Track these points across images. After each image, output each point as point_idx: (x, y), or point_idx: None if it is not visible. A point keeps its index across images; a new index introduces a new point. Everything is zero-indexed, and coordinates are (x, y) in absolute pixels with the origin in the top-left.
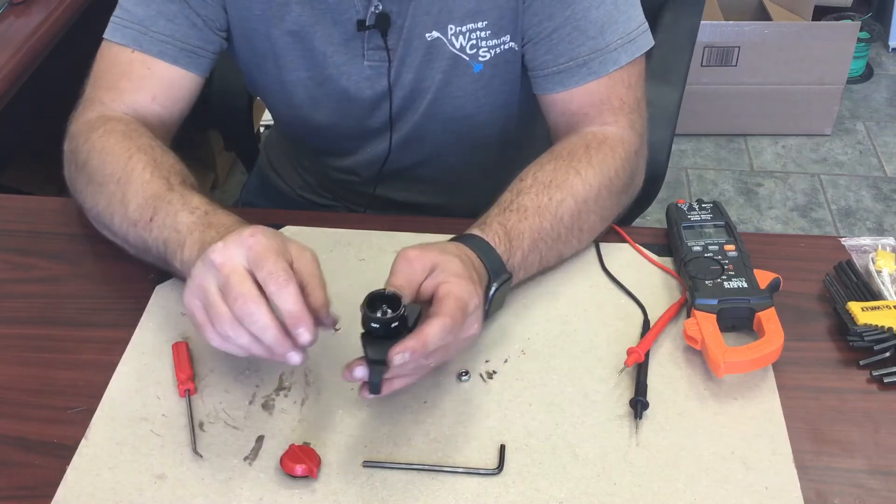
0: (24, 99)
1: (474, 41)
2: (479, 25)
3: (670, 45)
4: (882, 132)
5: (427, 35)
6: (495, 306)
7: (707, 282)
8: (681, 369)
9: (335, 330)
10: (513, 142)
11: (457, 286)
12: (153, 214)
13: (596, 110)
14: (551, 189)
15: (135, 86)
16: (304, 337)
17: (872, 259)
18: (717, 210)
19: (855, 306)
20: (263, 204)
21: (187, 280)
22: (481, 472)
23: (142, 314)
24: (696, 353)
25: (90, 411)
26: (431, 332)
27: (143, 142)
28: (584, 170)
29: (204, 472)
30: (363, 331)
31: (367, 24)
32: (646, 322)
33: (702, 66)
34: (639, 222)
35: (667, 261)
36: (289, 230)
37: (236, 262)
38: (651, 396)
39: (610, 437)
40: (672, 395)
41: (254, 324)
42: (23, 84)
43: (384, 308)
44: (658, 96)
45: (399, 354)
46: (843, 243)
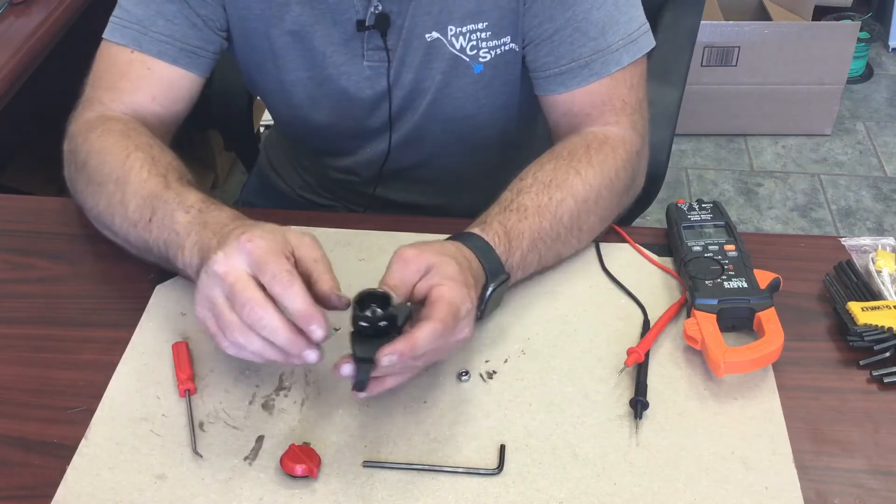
0: (24, 99)
1: (475, 42)
2: (480, 26)
3: (670, 45)
4: (882, 132)
5: (427, 35)
6: (492, 306)
7: (707, 282)
8: (681, 369)
9: (335, 330)
10: (512, 143)
11: (450, 290)
12: (152, 215)
13: (597, 111)
14: (551, 189)
15: (134, 86)
16: (317, 334)
17: (872, 259)
18: (717, 210)
19: (855, 306)
20: (263, 204)
21: (195, 292)
22: (481, 472)
23: (142, 314)
24: (696, 353)
25: (90, 411)
26: (421, 336)
27: (141, 140)
28: (585, 170)
29: (204, 472)
30: (351, 329)
31: (367, 24)
32: (646, 322)
33: (702, 66)
34: (639, 222)
35: (667, 261)
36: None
37: (239, 270)
38: (651, 396)
39: (610, 437)
40: (672, 395)
41: (264, 328)
42: (23, 84)
43: (374, 307)
44: (658, 96)
45: (387, 356)
46: (843, 243)
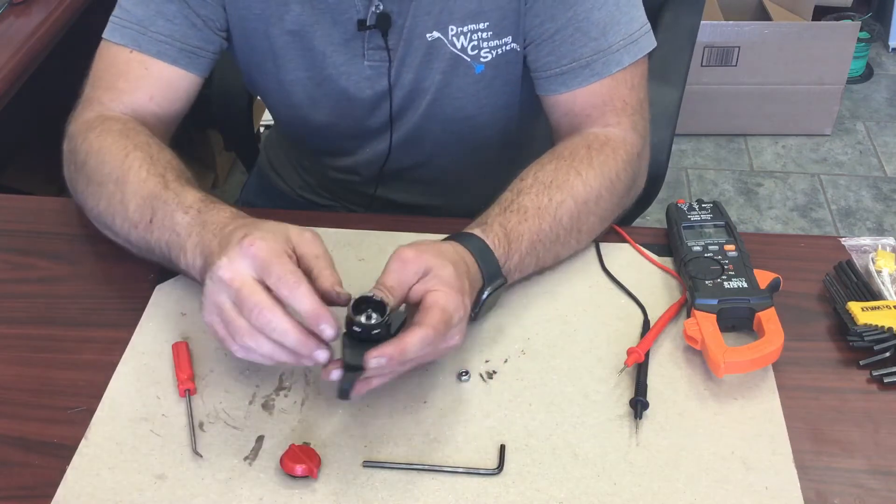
0: (24, 99)
1: (476, 42)
2: (481, 26)
3: (670, 45)
4: (882, 132)
5: (428, 35)
6: (486, 309)
7: (707, 282)
8: (681, 369)
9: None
10: (513, 143)
11: (445, 297)
12: (152, 216)
13: (598, 111)
14: (552, 190)
15: (132, 86)
16: (327, 332)
17: (872, 259)
18: (717, 210)
19: (855, 306)
20: (263, 204)
21: (202, 297)
22: (481, 472)
23: (142, 314)
24: (696, 353)
25: (90, 411)
26: (411, 342)
27: (139, 140)
28: (585, 171)
29: (204, 472)
30: (344, 331)
31: (368, 23)
32: (646, 322)
33: (702, 66)
34: (639, 222)
35: (667, 261)
36: None
37: (244, 274)
38: (651, 396)
39: (610, 437)
40: (672, 395)
41: (273, 331)
42: (23, 84)
43: (369, 312)
44: (658, 96)
45: (375, 359)
46: (843, 243)
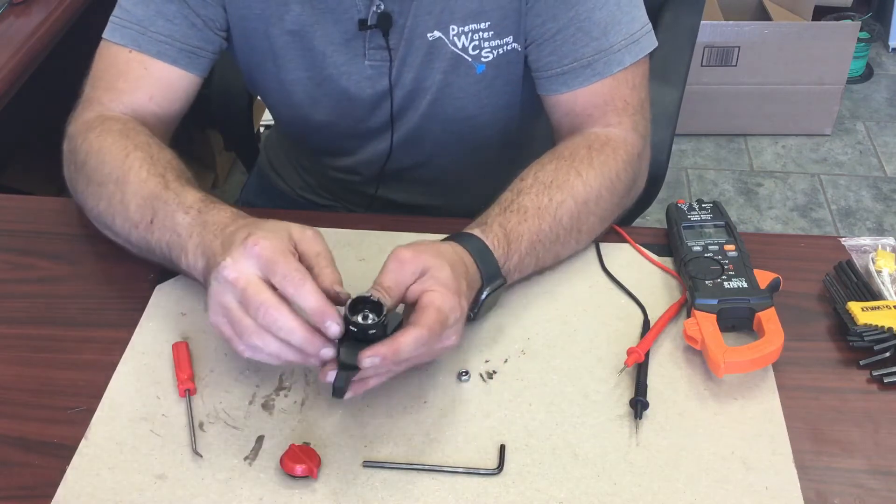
0: (24, 99)
1: (477, 42)
2: (482, 26)
3: (670, 45)
4: (882, 132)
5: (429, 35)
6: (486, 309)
7: (707, 282)
8: (681, 369)
9: None
10: (513, 143)
11: (440, 298)
12: (153, 216)
13: (599, 111)
14: (552, 190)
15: (132, 86)
16: (332, 329)
17: (872, 259)
18: (717, 210)
19: (855, 306)
20: (263, 204)
21: (207, 298)
22: (481, 472)
23: (142, 314)
24: (696, 353)
25: (90, 411)
26: (405, 342)
27: (139, 140)
28: (586, 171)
29: (204, 472)
30: None
31: (369, 23)
32: (646, 322)
33: (702, 66)
34: (639, 222)
35: (667, 261)
36: None
37: (249, 274)
38: (651, 396)
39: (610, 437)
40: (672, 395)
41: (280, 329)
42: (23, 84)
43: (366, 312)
44: (658, 96)
45: (369, 358)
46: (843, 243)
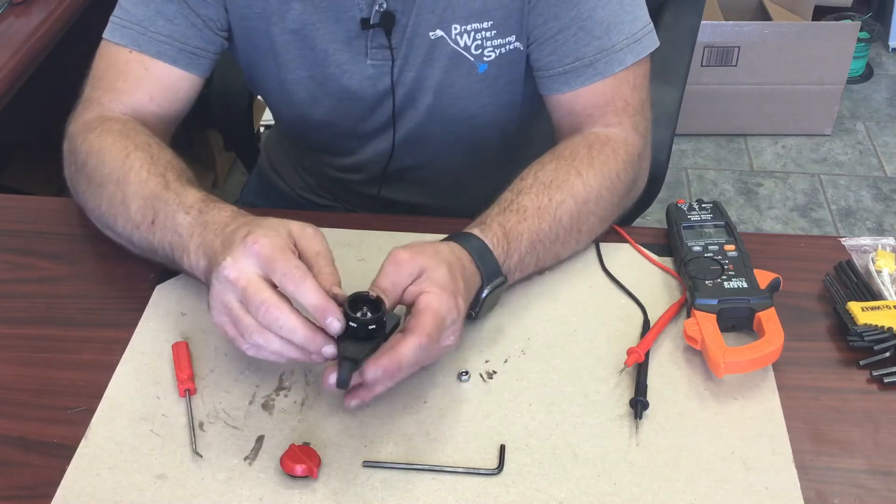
0: (24, 99)
1: (479, 41)
2: (485, 25)
3: (670, 45)
4: (882, 132)
5: (431, 34)
6: (486, 308)
7: (707, 282)
8: (681, 369)
9: None
10: (513, 143)
11: (436, 300)
12: (154, 216)
13: (600, 111)
14: (551, 189)
15: (132, 86)
16: (334, 326)
17: (872, 259)
18: (717, 210)
19: (855, 306)
20: (264, 204)
21: (209, 298)
22: (481, 472)
23: (142, 314)
24: (696, 353)
25: (90, 411)
26: (405, 352)
27: (140, 140)
28: (586, 171)
29: (204, 472)
30: None
31: (372, 22)
32: (646, 322)
33: (702, 66)
34: (639, 222)
35: (667, 261)
36: None
37: (250, 273)
38: (651, 396)
39: (610, 437)
40: (672, 395)
41: (281, 328)
42: (23, 84)
43: (364, 310)
44: (658, 96)
45: (373, 371)
46: (843, 243)
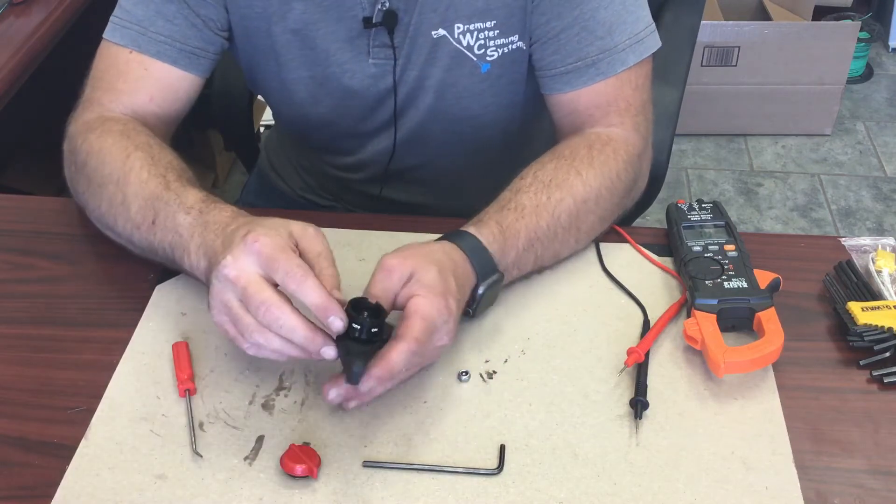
0: (23, 99)
1: (482, 41)
2: (488, 25)
3: (670, 45)
4: (882, 132)
5: (433, 33)
6: (484, 305)
7: (707, 282)
8: (681, 369)
9: None
10: (514, 143)
11: (425, 303)
12: (154, 217)
13: (602, 111)
14: (551, 188)
15: (132, 87)
16: (336, 324)
17: (872, 259)
18: (717, 210)
19: (855, 306)
20: (264, 205)
21: (209, 298)
22: (481, 472)
23: (142, 314)
24: (696, 353)
25: (90, 411)
26: (394, 359)
27: (140, 140)
28: (585, 170)
29: (204, 472)
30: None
31: (374, 21)
32: (646, 322)
33: (702, 66)
34: (639, 222)
35: (667, 261)
36: None
37: (250, 272)
38: (651, 396)
39: (610, 437)
40: (672, 395)
41: (281, 327)
42: (23, 84)
43: (365, 315)
44: (658, 96)
45: (366, 384)
46: (843, 243)
